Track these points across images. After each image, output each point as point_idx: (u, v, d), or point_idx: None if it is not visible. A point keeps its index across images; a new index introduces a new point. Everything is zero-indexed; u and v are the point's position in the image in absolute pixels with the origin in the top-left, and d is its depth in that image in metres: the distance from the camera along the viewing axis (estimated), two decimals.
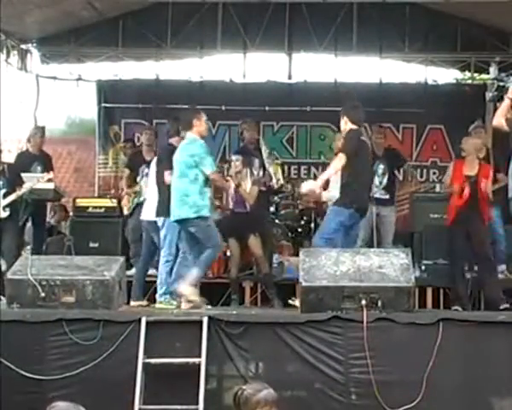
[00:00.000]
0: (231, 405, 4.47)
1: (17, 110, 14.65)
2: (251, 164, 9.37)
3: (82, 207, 11.07)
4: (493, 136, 10.71)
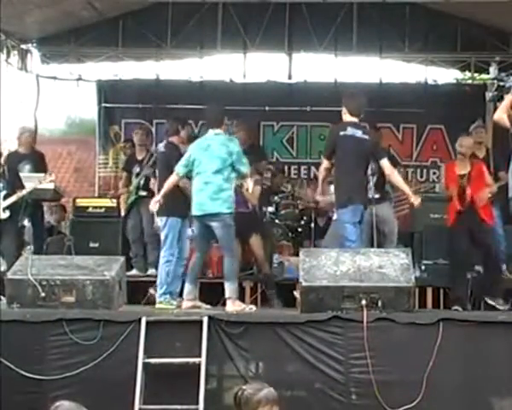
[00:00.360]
0: (231, 405, 4.47)
1: (17, 110, 14.66)
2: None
3: (82, 207, 11.07)
4: (493, 135, 10.73)
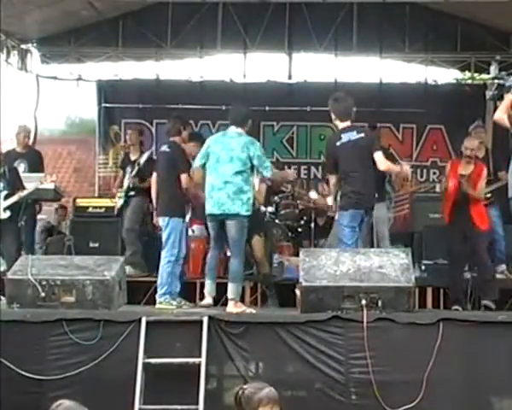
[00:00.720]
0: (231, 405, 4.47)
1: (17, 110, 14.66)
2: None
3: (82, 207, 11.09)
4: (493, 136, 10.73)
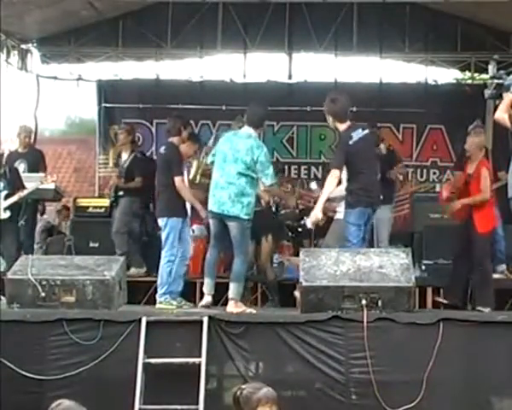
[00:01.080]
0: (231, 405, 4.48)
1: (17, 110, 14.67)
2: None
3: (82, 207, 11.11)
4: (494, 135, 10.72)
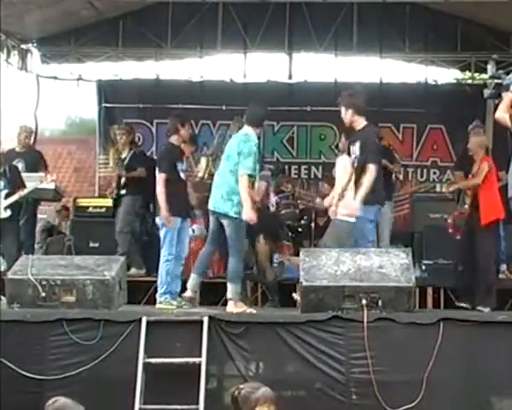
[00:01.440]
0: (231, 405, 4.48)
1: (17, 110, 14.67)
2: None
3: (82, 207, 11.11)
4: (494, 135, 10.73)
